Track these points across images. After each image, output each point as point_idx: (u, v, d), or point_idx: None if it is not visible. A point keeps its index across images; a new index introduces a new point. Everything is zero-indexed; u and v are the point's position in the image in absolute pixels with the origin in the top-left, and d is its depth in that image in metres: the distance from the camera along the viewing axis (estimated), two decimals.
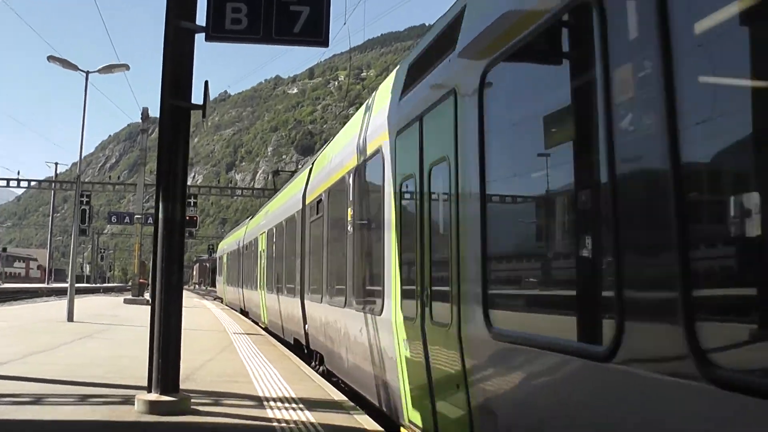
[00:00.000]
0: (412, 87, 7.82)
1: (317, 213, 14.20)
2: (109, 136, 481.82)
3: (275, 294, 21.28)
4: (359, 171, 10.35)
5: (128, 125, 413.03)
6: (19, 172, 70.94)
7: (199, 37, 9.27)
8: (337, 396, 10.77)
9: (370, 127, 9.85)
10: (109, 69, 26.72)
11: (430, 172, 6.92)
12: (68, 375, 11.97)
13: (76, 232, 27.91)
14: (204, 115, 9.25)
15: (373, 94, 10.74)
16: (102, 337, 20.15)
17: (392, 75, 9.45)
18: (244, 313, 34.85)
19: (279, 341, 20.12)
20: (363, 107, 11.36)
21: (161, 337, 8.84)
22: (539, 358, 4.69)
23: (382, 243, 8.65)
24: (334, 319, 12.19)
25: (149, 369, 8.92)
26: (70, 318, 25.59)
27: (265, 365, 14.29)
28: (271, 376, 12.77)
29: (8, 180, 68.71)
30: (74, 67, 26.49)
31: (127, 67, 26.80)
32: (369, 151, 9.58)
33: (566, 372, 4.41)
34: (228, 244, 50.28)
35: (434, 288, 6.78)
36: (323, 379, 12.64)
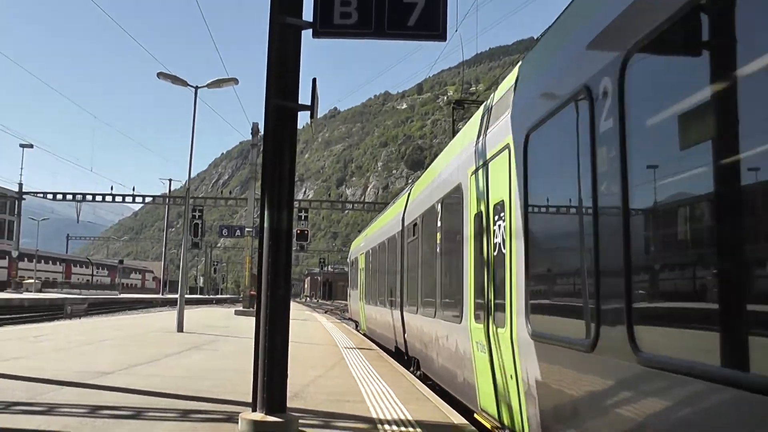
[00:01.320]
0: (484, 135, 9.27)
1: (413, 235, 16.14)
2: (222, 153, 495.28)
3: (377, 306, 23.83)
4: (445, 201, 12.23)
5: (240, 143, 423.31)
6: (134, 188, 73.06)
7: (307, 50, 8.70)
8: (457, 419, 9.94)
9: (451, 165, 11.65)
10: (217, 84, 26.70)
11: (493, 207, 8.48)
12: (172, 388, 11.57)
13: (186, 245, 28.02)
14: (312, 115, 8.61)
15: (458, 134, 12.71)
16: (210, 348, 19.91)
17: (472, 120, 11.12)
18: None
19: (390, 355, 19.48)
20: (449, 146, 13.34)
21: (266, 354, 8.23)
22: (563, 353, 6.01)
23: (461, 263, 10.28)
24: (427, 328, 14.01)
25: (253, 387, 8.31)
26: (180, 328, 25.61)
27: (378, 382, 13.60)
28: (385, 394, 12.07)
29: (124, 196, 71.14)
30: (183, 83, 26.57)
31: (236, 81, 26.73)
32: (451, 186, 11.37)
33: (591, 368, 5.49)
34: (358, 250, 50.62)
35: (495, 300, 8.32)
36: (440, 399, 11.87)
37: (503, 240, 7.96)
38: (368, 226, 33.56)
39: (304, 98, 8.80)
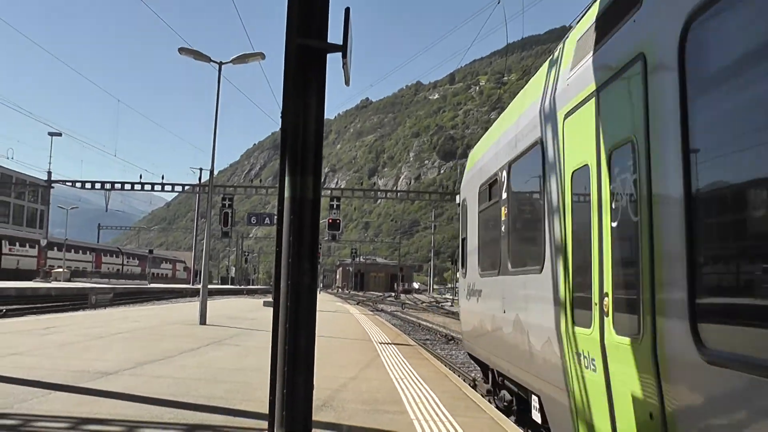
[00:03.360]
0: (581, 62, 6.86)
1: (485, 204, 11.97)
2: (254, 144, 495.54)
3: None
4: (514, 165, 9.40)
5: (272, 133, 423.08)
6: (163, 177, 71.31)
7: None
8: None
9: (528, 113, 8.78)
10: (242, 59, 24.95)
11: (612, 155, 5.90)
12: (181, 393, 9.83)
13: (209, 232, 26.50)
14: (345, 55, 6.76)
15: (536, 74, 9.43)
16: (232, 343, 18.16)
17: (551, 58, 8.33)
18: None
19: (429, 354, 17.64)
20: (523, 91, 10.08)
21: (287, 359, 6.43)
22: None
23: (542, 238, 7.75)
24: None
25: (270, 401, 6.49)
26: (203, 321, 23.95)
27: (420, 386, 11.77)
28: (429, 402, 10.25)
29: (153, 184, 69.93)
30: (207, 59, 24.90)
31: (262, 56, 24.94)
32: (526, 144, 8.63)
33: None
34: None
35: (615, 294, 5.80)
36: (495, 409, 10.03)
37: (632, 203, 5.42)
38: None
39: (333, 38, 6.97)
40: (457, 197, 15.91)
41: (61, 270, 73.86)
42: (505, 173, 9.80)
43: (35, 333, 18.29)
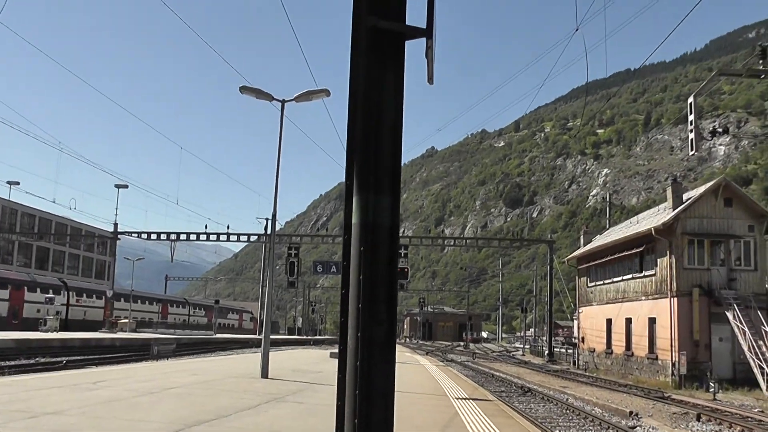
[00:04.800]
0: None
1: None
2: (320, 195, 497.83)
3: None
4: None
5: (338, 183, 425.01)
6: (228, 227, 71.41)
7: None
8: None
9: None
10: (306, 96, 23.70)
11: None
12: None
13: (271, 282, 25.32)
14: (429, 35, 5.22)
15: None
16: (295, 400, 16.51)
17: None
18: None
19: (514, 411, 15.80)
20: None
21: None
22: None
23: None
24: None
25: None
26: (265, 374, 22.35)
27: None
28: None
29: (218, 234, 70.07)
30: (269, 97, 23.76)
31: (327, 92, 23.68)
32: None
33: None
34: None
35: None
36: None
37: None
38: None
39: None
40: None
41: (126, 320, 73.69)
42: None
43: (83, 387, 16.95)
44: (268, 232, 75.14)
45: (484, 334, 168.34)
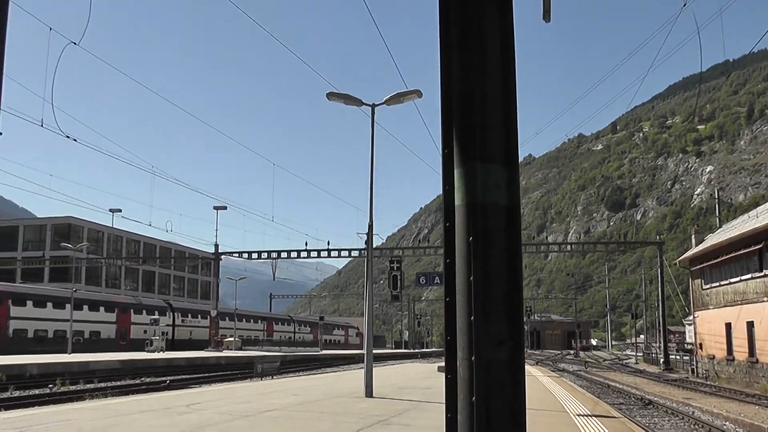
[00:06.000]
0: None
1: None
2: (421, 208, 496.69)
3: None
4: None
5: (437, 196, 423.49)
6: (328, 243, 71.51)
7: None
8: None
9: None
10: (397, 99, 22.47)
11: None
12: None
13: (370, 295, 24.21)
14: None
15: None
16: (401, 422, 15.01)
17: None
18: None
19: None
20: None
21: None
22: None
23: None
24: None
25: None
26: (369, 393, 21.09)
27: None
28: None
29: (319, 251, 70.05)
30: (358, 102, 22.66)
31: (419, 93, 22.42)
32: None
33: None
34: None
35: None
36: None
37: None
38: None
39: None
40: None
41: (232, 339, 74.11)
42: None
43: (174, 411, 15.99)
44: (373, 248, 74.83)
45: (594, 342, 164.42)
